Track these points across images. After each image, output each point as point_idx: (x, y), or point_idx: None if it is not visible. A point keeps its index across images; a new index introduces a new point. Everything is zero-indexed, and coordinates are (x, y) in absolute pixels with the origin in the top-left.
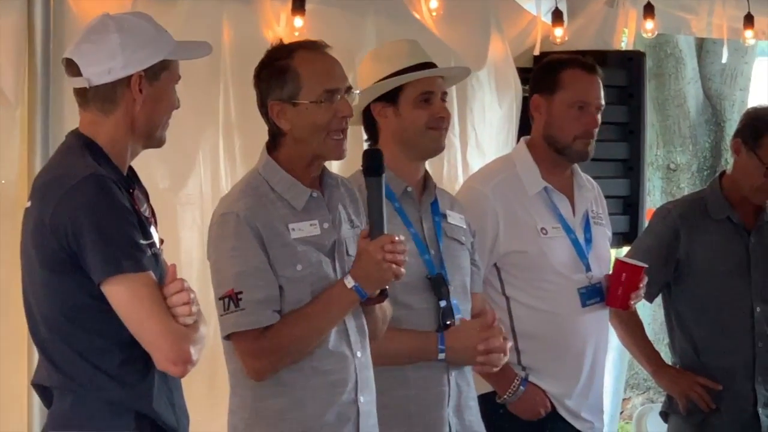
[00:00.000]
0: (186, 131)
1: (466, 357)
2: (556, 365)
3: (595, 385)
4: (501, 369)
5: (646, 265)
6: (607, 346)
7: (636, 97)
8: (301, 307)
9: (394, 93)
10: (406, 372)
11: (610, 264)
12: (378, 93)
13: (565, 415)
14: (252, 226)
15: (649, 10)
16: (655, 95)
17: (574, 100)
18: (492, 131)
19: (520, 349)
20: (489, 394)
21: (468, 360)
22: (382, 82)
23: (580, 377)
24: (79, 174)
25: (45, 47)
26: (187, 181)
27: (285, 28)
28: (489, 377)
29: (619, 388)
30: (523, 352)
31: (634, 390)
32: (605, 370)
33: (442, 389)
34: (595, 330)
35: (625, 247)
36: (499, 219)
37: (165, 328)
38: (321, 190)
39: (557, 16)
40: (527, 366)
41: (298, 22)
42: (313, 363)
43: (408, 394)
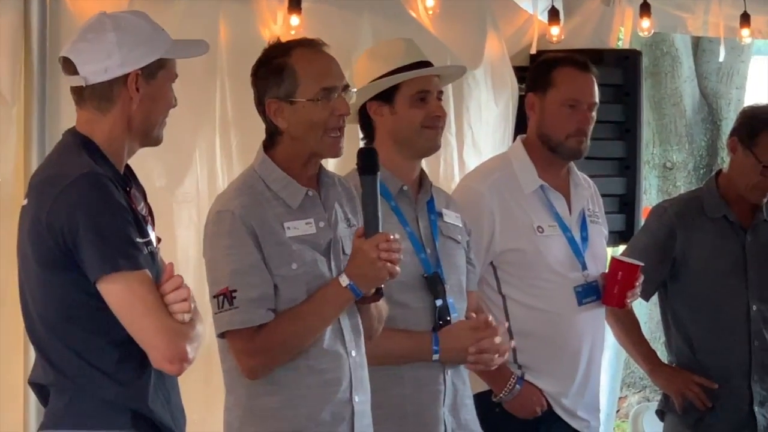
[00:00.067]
0: (183, 129)
1: (458, 357)
2: (552, 364)
3: (592, 383)
4: (497, 367)
5: (643, 264)
6: (604, 344)
7: (632, 96)
8: (296, 306)
9: (390, 92)
10: (402, 371)
11: (606, 262)
12: (374, 92)
13: (561, 414)
14: (247, 224)
15: (645, 9)
16: (651, 94)
17: (566, 98)
18: (488, 130)
19: (516, 347)
20: (485, 393)
21: (460, 360)
22: (378, 81)
23: (577, 376)
24: (75, 172)
25: (41, 45)
26: (184, 179)
27: (281, 26)
28: (485, 376)
29: (615, 387)
30: (519, 351)
31: (631, 389)
32: (601, 369)
33: (437, 388)
34: (592, 328)
35: (622, 246)
36: (495, 217)
37: (161, 326)
38: (317, 188)
39: (554, 14)
40: (523, 364)
41: (295, 20)
42: (308, 362)
43: (403, 393)
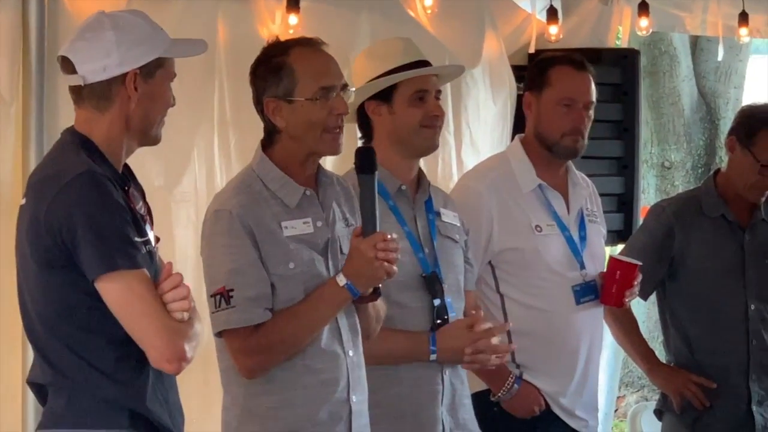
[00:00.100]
0: (181, 129)
1: (454, 357)
2: (550, 363)
3: (590, 383)
4: (495, 367)
5: (641, 263)
6: (602, 344)
7: (630, 95)
8: (293, 305)
9: (388, 91)
10: (400, 371)
11: (604, 262)
12: (372, 91)
13: (559, 413)
14: (245, 223)
15: (643, 8)
16: (649, 93)
17: (561, 96)
18: (486, 129)
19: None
20: (483, 392)
21: (457, 360)
22: (376, 80)
23: (575, 375)
24: (73, 171)
25: (40, 45)
26: (182, 178)
27: (280, 26)
28: (483, 375)
29: (613, 386)
30: (517, 350)
31: (629, 388)
32: (599, 368)
33: (435, 388)
34: (590, 328)
35: (620, 245)
36: (493, 216)
37: (159, 325)
38: (316, 188)
39: (552, 13)
40: (521, 364)
41: (293, 19)
42: (305, 361)
43: (401, 392)
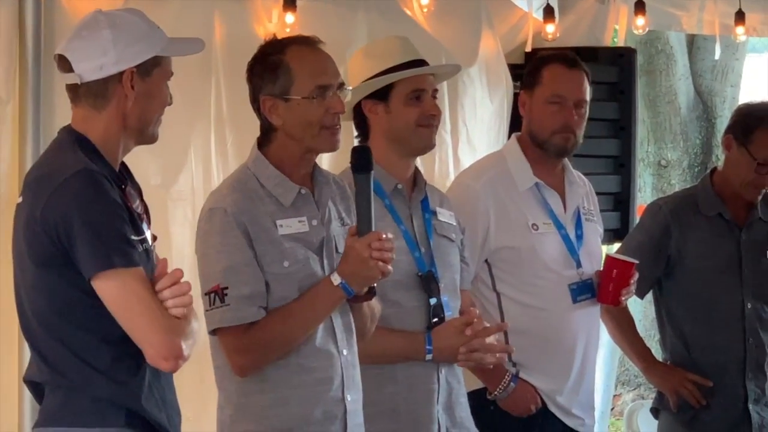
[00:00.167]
0: (177, 127)
1: (450, 356)
2: (546, 362)
3: (586, 381)
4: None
5: (637, 261)
6: (598, 342)
7: (627, 94)
8: (287, 304)
9: (385, 90)
10: (395, 369)
11: (601, 260)
12: (369, 90)
13: (555, 412)
14: (239, 221)
15: (639, 7)
16: (646, 92)
17: (551, 94)
18: (483, 127)
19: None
20: (479, 391)
21: (452, 359)
22: (373, 79)
23: (571, 374)
24: (70, 169)
25: (36, 43)
26: (179, 177)
27: (277, 24)
28: (479, 374)
29: (609, 385)
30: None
31: (625, 386)
32: (596, 367)
33: (431, 386)
34: (586, 326)
35: (616, 244)
36: (490, 215)
37: (156, 323)
38: (311, 186)
39: (548, 12)
40: (518, 362)
41: (290, 18)
42: (299, 360)
43: (397, 391)
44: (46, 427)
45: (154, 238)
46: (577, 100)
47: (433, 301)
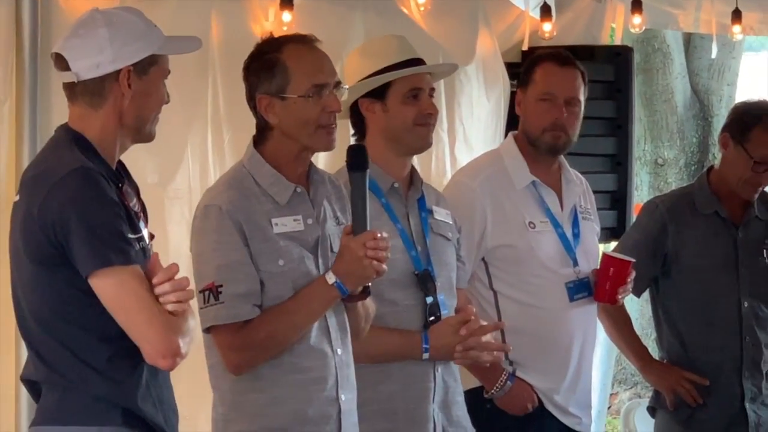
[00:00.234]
0: (174, 126)
1: (446, 354)
2: (543, 360)
3: (583, 380)
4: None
5: (634, 260)
6: (595, 341)
7: (624, 92)
8: (282, 303)
9: (382, 89)
10: (391, 368)
11: (598, 259)
12: (366, 89)
13: (552, 410)
14: (234, 219)
15: (636, 6)
16: (642, 90)
17: (542, 92)
18: (480, 126)
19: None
20: (476, 389)
21: (448, 357)
22: (370, 78)
23: (568, 372)
24: (66, 167)
25: (33, 42)
26: (176, 175)
27: (273, 22)
28: (476, 372)
29: (606, 383)
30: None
31: (622, 385)
32: (593, 365)
33: (427, 385)
34: (583, 325)
35: (613, 242)
36: (486, 213)
37: (154, 321)
38: (307, 185)
39: (545, 11)
40: (515, 361)
41: (287, 16)
42: (293, 359)
43: (393, 389)
44: (43, 426)
45: (151, 236)
46: (568, 97)
47: (429, 299)
